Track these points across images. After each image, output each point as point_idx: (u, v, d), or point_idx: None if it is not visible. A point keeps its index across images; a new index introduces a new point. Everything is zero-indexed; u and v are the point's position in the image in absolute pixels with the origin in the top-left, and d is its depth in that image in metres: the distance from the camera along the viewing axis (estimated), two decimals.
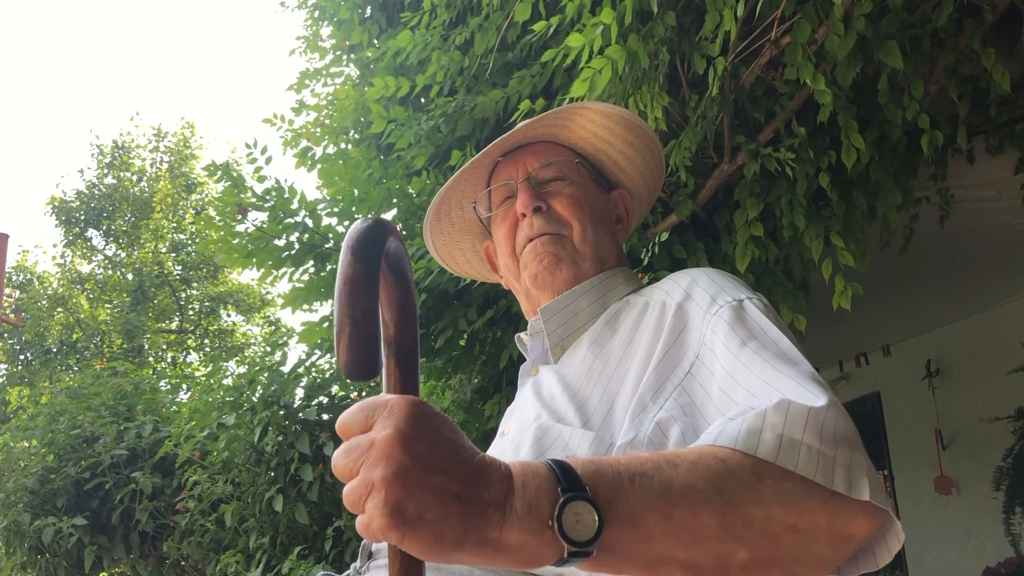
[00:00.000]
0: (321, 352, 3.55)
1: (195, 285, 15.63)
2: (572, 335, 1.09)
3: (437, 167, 2.68)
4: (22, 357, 14.86)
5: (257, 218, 2.68)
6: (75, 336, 15.13)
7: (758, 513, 0.67)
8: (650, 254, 2.27)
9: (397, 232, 0.67)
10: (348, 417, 0.63)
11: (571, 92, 1.80)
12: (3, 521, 5.10)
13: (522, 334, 1.19)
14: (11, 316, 13.83)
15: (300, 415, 3.76)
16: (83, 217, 15.59)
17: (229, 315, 15.99)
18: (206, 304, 15.69)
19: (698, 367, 0.87)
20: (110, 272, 15.86)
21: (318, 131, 3.10)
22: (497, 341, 2.72)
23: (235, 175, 2.70)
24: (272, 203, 2.65)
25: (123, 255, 15.94)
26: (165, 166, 16.30)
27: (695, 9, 1.97)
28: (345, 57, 3.34)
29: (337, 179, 2.64)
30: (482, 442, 2.66)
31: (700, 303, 0.94)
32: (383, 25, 3.14)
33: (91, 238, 15.93)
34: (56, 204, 15.52)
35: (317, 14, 3.42)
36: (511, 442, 0.99)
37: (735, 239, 2.11)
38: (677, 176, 2.06)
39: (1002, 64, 1.79)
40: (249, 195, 2.67)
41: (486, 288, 2.61)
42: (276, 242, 2.67)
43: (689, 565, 0.67)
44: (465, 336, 2.76)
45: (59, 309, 15.31)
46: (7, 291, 14.60)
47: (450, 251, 1.34)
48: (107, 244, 16.07)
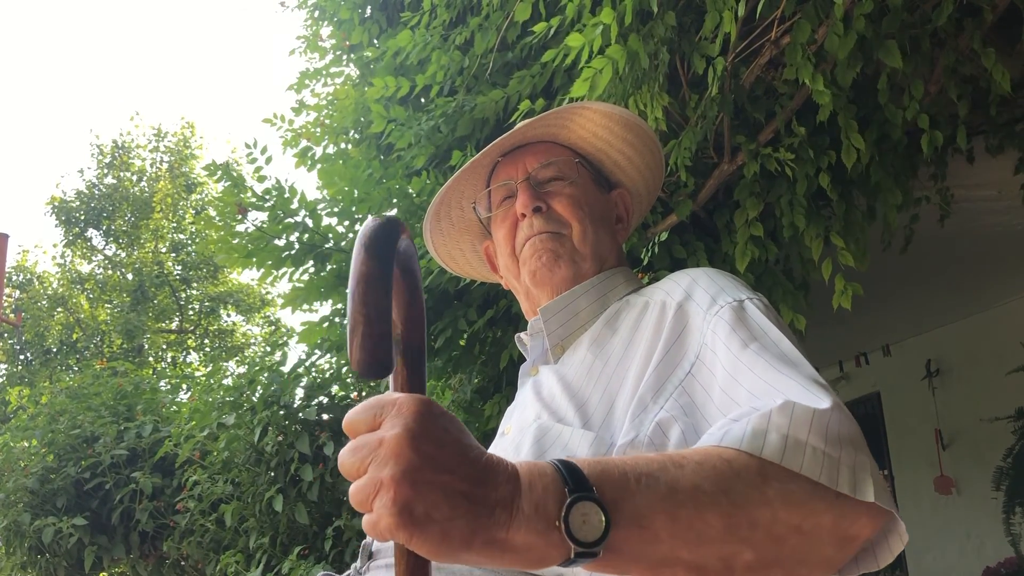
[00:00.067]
0: (321, 352, 3.55)
1: (195, 285, 15.62)
2: (572, 335, 1.09)
3: (437, 167, 2.68)
4: (22, 357, 14.86)
5: (257, 218, 2.68)
6: (75, 336, 15.13)
7: (763, 514, 0.67)
8: (650, 254, 2.27)
9: (408, 230, 0.67)
10: (355, 415, 0.62)
11: (571, 92, 1.80)
12: (3, 521, 5.10)
13: (522, 334, 1.19)
14: (11, 316, 13.83)
15: (300, 415, 3.75)
16: (83, 217, 15.58)
17: (229, 315, 15.99)
18: (206, 304, 15.69)
19: (698, 367, 0.87)
20: (110, 272, 15.86)
21: (318, 131, 3.10)
22: (497, 341, 2.72)
23: (235, 175, 2.70)
24: (272, 203, 2.65)
25: (123, 255, 15.94)
26: (165, 166, 16.30)
27: (695, 9, 1.97)
28: (345, 57, 3.34)
29: (337, 179, 2.64)
30: (482, 442, 2.65)
31: (700, 303, 0.93)
32: (383, 25, 3.14)
33: (91, 238, 15.94)
34: (56, 204, 15.52)
35: (317, 14, 3.42)
36: (511, 442, 0.99)
37: (735, 239, 2.11)
38: (677, 176, 2.06)
39: (1002, 64, 1.79)
40: (249, 195, 2.67)
41: (486, 288, 2.61)
42: (276, 242, 2.67)
43: (694, 566, 0.66)
44: (465, 336, 2.76)
45: (59, 309, 15.31)
46: (7, 291, 14.60)
47: (450, 251, 1.34)
48: (107, 244, 16.07)
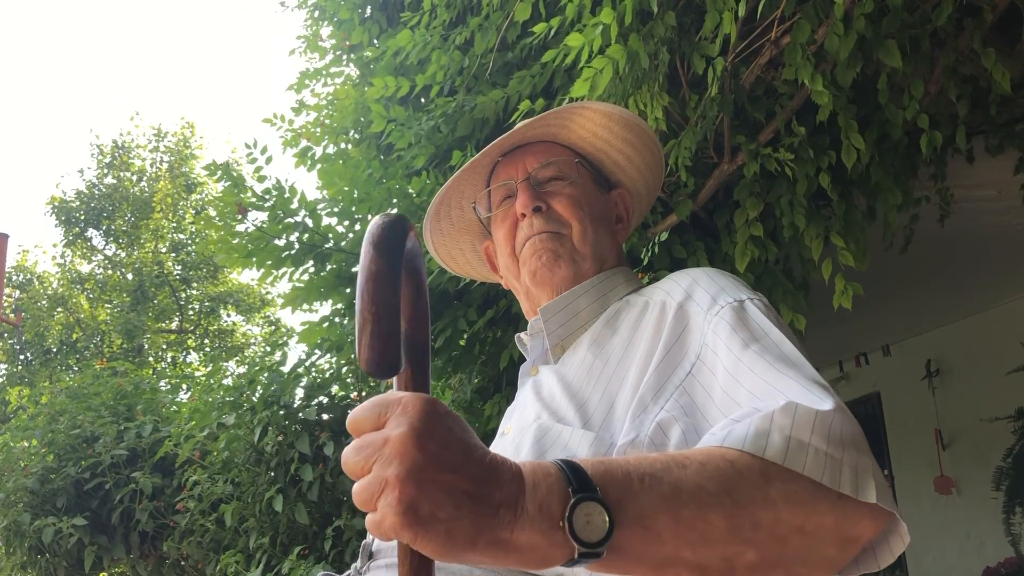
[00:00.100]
0: (321, 352, 3.55)
1: (195, 285, 15.62)
2: (572, 335, 1.09)
3: (437, 167, 2.68)
4: (22, 357, 14.86)
5: (257, 218, 2.68)
6: (75, 336, 15.12)
7: (766, 515, 0.67)
8: (650, 254, 2.27)
9: (415, 229, 0.67)
10: (360, 414, 0.62)
11: (572, 92, 1.80)
12: (3, 521, 5.10)
13: (522, 334, 1.19)
14: (11, 316, 13.83)
15: (300, 415, 3.75)
16: (83, 217, 15.58)
17: (229, 315, 15.99)
18: (206, 304, 15.68)
19: (699, 367, 0.87)
20: (110, 272, 15.86)
21: (318, 131, 3.10)
22: (497, 341, 2.72)
23: (235, 175, 2.70)
24: (272, 203, 2.65)
25: (123, 255, 15.93)
26: (165, 166, 16.30)
27: (695, 9, 1.97)
28: (345, 57, 3.34)
29: (337, 179, 2.64)
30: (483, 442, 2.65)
31: (701, 303, 0.93)
32: (383, 25, 3.14)
33: (91, 238, 15.93)
34: (56, 204, 15.52)
35: (317, 14, 3.42)
36: (511, 442, 0.99)
37: (735, 239, 2.11)
38: (677, 176, 2.06)
39: (1002, 64, 1.79)
40: (249, 195, 2.67)
41: (486, 288, 2.61)
42: (276, 242, 2.67)
43: (697, 566, 0.66)
44: (465, 336, 2.76)
45: (59, 309, 15.31)
46: (7, 291, 14.60)
47: (450, 251, 1.34)
48: (107, 244, 16.07)
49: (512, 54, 2.50)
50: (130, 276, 15.37)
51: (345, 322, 3.01)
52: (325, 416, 3.82)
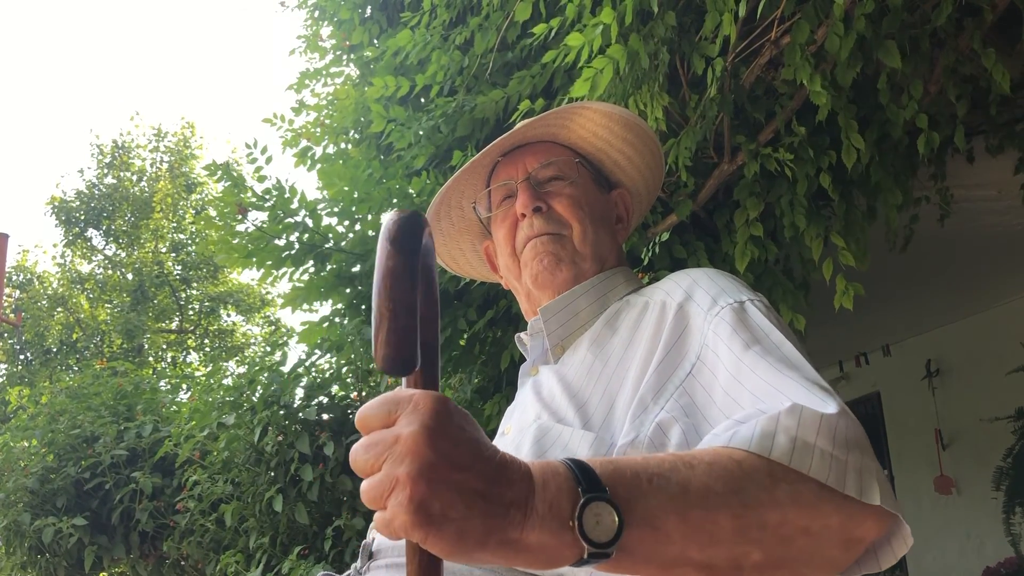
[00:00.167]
0: (321, 352, 3.55)
1: (195, 285, 15.62)
2: (572, 335, 1.09)
3: (437, 167, 2.68)
4: (22, 357, 14.86)
5: (257, 218, 2.68)
6: (75, 336, 15.12)
7: (773, 516, 0.67)
8: (650, 254, 2.27)
9: (429, 225, 0.67)
10: (369, 411, 0.61)
11: (572, 92, 1.80)
12: (3, 521, 5.10)
13: (522, 334, 1.19)
14: (11, 316, 13.83)
15: (300, 415, 3.75)
16: (83, 217, 15.58)
17: (229, 315, 15.99)
18: (206, 304, 15.68)
19: (699, 368, 0.87)
20: (110, 272, 15.86)
21: (318, 131, 3.10)
22: (497, 341, 2.72)
23: (235, 175, 2.70)
24: (272, 203, 2.64)
25: (123, 255, 15.93)
26: (165, 166, 16.29)
27: (695, 9, 1.97)
28: (345, 57, 3.34)
29: (337, 180, 2.64)
30: None
31: (701, 304, 0.93)
32: (383, 25, 3.14)
33: (91, 238, 15.93)
34: (56, 204, 15.52)
35: (317, 14, 3.42)
36: (511, 442, 0.99)
37: (735, 239, 2.11)
38: (677, 176, 2.06)
39: (1002, 64, 1.79)
40: (249, 195, 2.66)
41: (486, 288, 2.61)
42: (276, 242, 2.67)
43: (704, 566, 0.66)
44: (465, 336, 2.76)
45: (59, 309, 15.31)
46: (7, 291, 14.60)
47: (450, 251, 1.34)
48: (107, 244, 16.07)
49: (512, 54, 2.50)
50: (130, 276, 15.37)
51: (345, 322, 3.01)
52: (325, 416, 3.82)
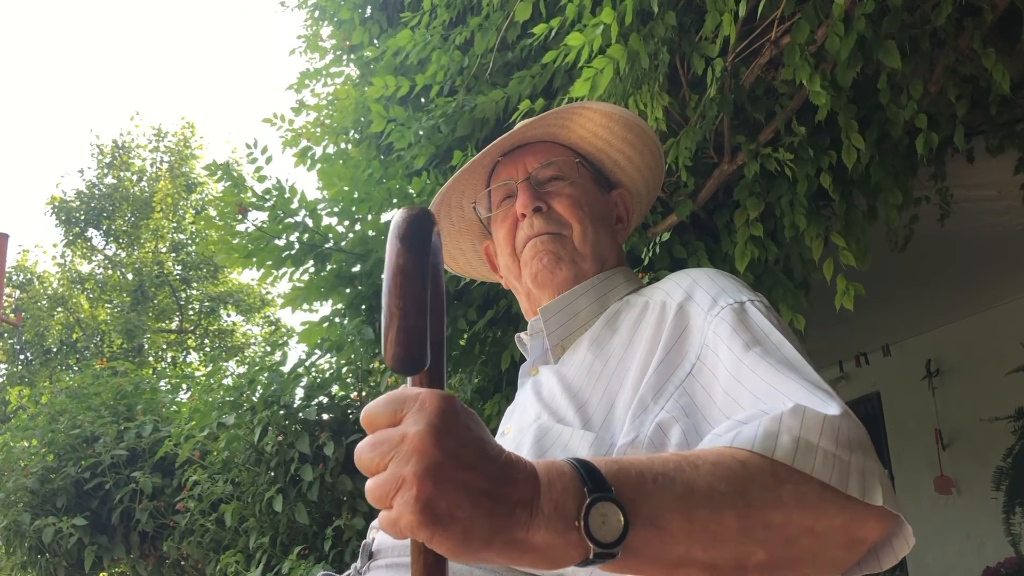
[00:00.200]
0: (321, 352, 3.55)
1: (195, 285, 15.62)
2: (572, 335, 1.09)
3: (437, 167, 2.68)
4: (22, 357, 14.86)
5: (257, 218, 2.68)
6: (75, 336, 15.12)
7: (777, 516, 0.67)
8: (650, 254, 2.27)
9: (438, 223, 0.66)
10: (375, 409, 0.61)
11: (572, 92, 1.80)
12: (3, 521, 5.10)
13: (522, 334, 1.19)
14: (11, 316, 13.82)
15: (300, 415, 3.75)
16: (83, 217, 15.58)
17: (229, 315, 15.99)
18: (206, 304, 15.68)
19: (699, 368, 0.87)
20: (110, 272, 15.86)
21: (318, 131, 3.10)
22: (497, 341, 2.72)
23: (235, 175, 2.70)
24: (272, 203, 2.65)
25: (123, 255, 15.94)
26: (165, 166, 16.30)
27: (695, 9, 1.97)
28: (345, 57, 3.34)
29: (336, 180, 2.64)
30: None
31: (701, 304, 0.93)
32: (383, 25, 3.14)
33: (91, 238, 15.93)
34: (56, 204, 15.52)
35: (317, 14, 3.42)
36: (511, 442, 0.99)
37: (735, 239, 2.11)
38: (677, 176, 2.06)
39: (1002, 64, 1.79)
40: (249, 195, 2.67)
41: (486, 288, 2.61)
42: (276, 242, 2.67)
43: (708, 566, 0.66)
44: (465, 336, 2.76)
45: (59, 309, 15.31)
46: (7, 291, 14.60)
47: (450, 251, 1.34)
48: (107, 244, 16.07)
49: (512, 54, 2.50)
50: (130, 276, 15.37)
51: (345, 322, 3.01)
52: (325, 416, 3.82)
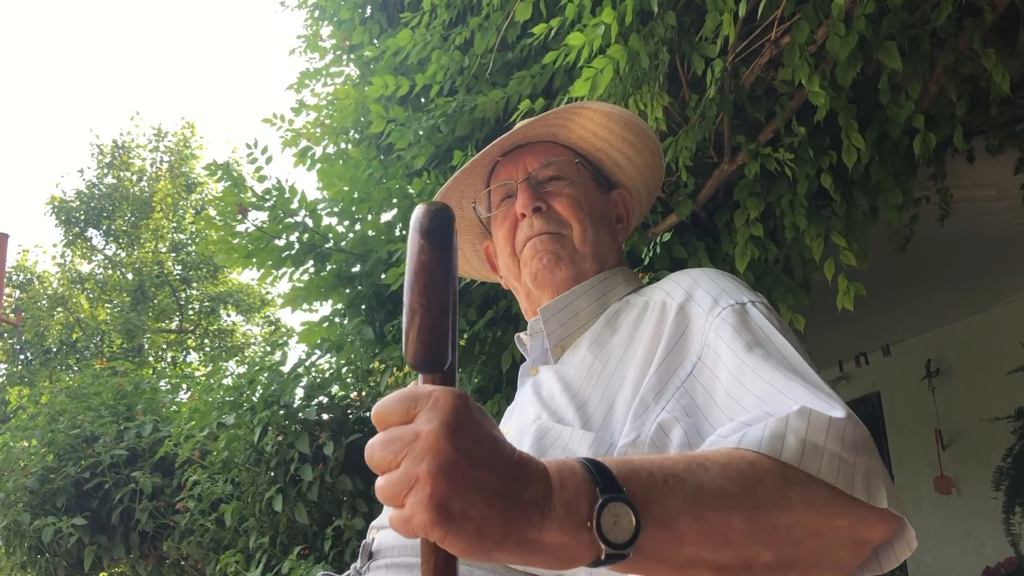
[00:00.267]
0: (321, 352, 3.55)
1: (195, 285, 15.62)
2: (572, 335, 1.09)
3: (437, 167, 2.67)
4: (22, 357, 14.86)
5: (257, 218, 2.68)
6: (75, 336, 15.13)
7: (785, 517, 0.67)
8: (651, 254, 2.27)
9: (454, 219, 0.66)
10: (387, 406, 0.60)
11: (572, 92, 1.80)
12: (3, 521, 5.10)
13: (522, 334, 1.19)
14: (11, 316, 13.83)
15: (300, 415, 3.75)
16: (83, 217, 15.59)
17: (229, 315, 15.99)
18: (206, 304, 15.68)
19: (700, 368, 0.87)
20: (110, 272, 15.86)
21: (318, 131, 3.10)
22: (497, 341, 2.72)
23: (235, 175, 2.70)
24: (272, 203, 2.65)
25: (123, 255, 15.94)
26: (165, 166, 16.30)
27: (695, 9, 1.97)
28: (345, 57, 3.34)
29: (336, 180, 2.64)
30: None
31: (702, 304, 0.93)
32: (383, 25, 3.14)
33: (91, 238, 15.94)
34: (56, 204, 15.52)
35: (317, 14, 3.42)
36: (510, 442, 0.99)
37: (735, 239, 2.11)
38: (677, 176, 2.06)
39: (1002, 64, 1.79)
40: (249, 195, 2.67)
41: (486, 288, 2.61)
42: (276, 242, 2.67)
43: (716, 566, 0.67)
44: (465, 336, 2.76)
45: (59, 309, 15.31)
46: (7, 291, 14.60)
47: None
48: (107, 244, 16.07)
49: (512, 54, 2.50)
50: (130, 276, 15.38)
51: (345, 322, 3.01)
52: (325, 416, 3.82)
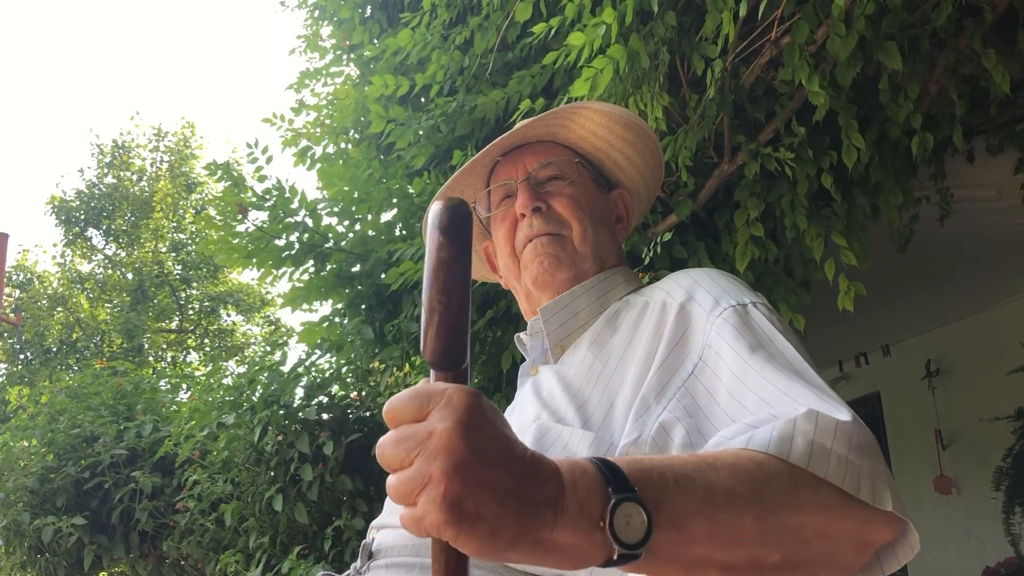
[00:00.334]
0: (321, 352, 3.55)
1: (195, 285, 15.63)
2: (572, 335, 1.09)
3: (437, 167, 2.67)
4: (22, 357, 14.86)
5: (257, 218, 2.68)
6: (75, 336, 15.13)
7: (794, 518, 0.68)
8: (651, 254, 2.27)
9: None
10: (399, 403, 0.59)
11: (572, 91, 1.80)
12: (3, 521, 5.10)
13: (522, 334, 1.19)
14: (11, 316, 13.82)
15: (300, 415, 3.75)
16: (83, 217, 15.59)
17: (229, 315, 15.99)
18: (206, 304, 15.69)
19: (701, 368, 0.87)
20: (110, 272, 15.86)
21: (318, 131, 3.10)
22: (497, 341, 2.72)
23: (235, 175, 2.70)
24: (272, 203, 2.65)
25: (123, 255, 15.94)
26: (165, 166, 16.30)
27: (695, 9, 1.97)
28: (345, 57, 3.34)
29: (336, 180, 2.64)
30: None
31: (703, 304, 0.93)
32: (383, 24, 3.14)
33: (91, 238, 15.94)
34: (56, 204, 15.52)
35: (317, 14, 3.42)
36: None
37: (735, 239, 2.11)
38: (677, 176, 2.06)
39: (1002, 64, 1.79)
40: (249, 195, 2.67)
41: (486, 288, 2.61)
42: (276, 242, 2.67)
43: (725, 567, 0.67)
44: None
45: (59, 308, 15.31)
46: (7, 291, 14.60)
47: None
48: (107, 244, 16.07)
49: (512, 54, 2.50)
50: (130, 276, 15.38)
51: (345, 322, 3.01)
52: (325, 416, 3.82)
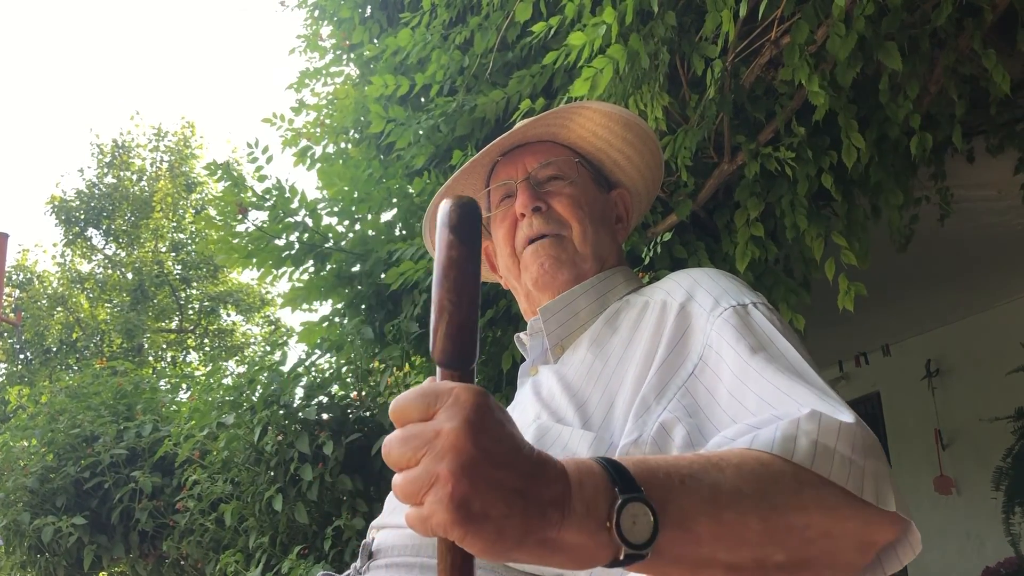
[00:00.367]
0: (321, 352, 3.55)
1: (195, 285, 15.62)
2: (572, 335, 1.09)
3: (437, 167, 2.67)
4: (22, 356, 14.86)
5: (257, 218, 2.68)
6: (75, 335, 15.12)
7: (799, 518, 0.68)
8: (651, 254, 2.27)
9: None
10: (407, 402, 0.59)
11: (572, 91, 1.80)
12: (3, 520, 5.09)
13: (521, 334, 1.19)
14: (11, 315, 13.82)
15: (300, 415, 3.75)
16: (83, 216, 15.58)
17: (229, 315, 15.99)
18: (206, 304, 15.68)
19: (702, 368, 0.87)
20: (110, 271, 15.86)
21: (318, 131, 3.10)
22: (497, 341, 2.72)
23: (235, 174, 2.70)
24: (272, 203, 2.65)
25: (123, 255, 15.94)
26: (165, 165, 16.30)
27: (695, 9, 1.97)
28: (345, 56, 3.34)
29: (336, 180, 2.64)
30: None
31: (703, 305, 0.93)
32: (383, 24, 3.14)
33: (91, 237, 15.93)
34: (56, 203, 15.52)
35: (317, 13, 3.42)
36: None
37: (735, 239, 2.11)
38: (677, 176, 2.06)
39: (1002, 64, 1.79)
40: (249, 194, 2.67)
41: (486, 288, 2.60)
42: (276, 242, 2.67)
43: (730, 566, 0.67)
44: None
45: (59, 308, 15.31)
46: (7, 290, 14.60)
47: None
48: (107, 243, 16.07)
49: (512, 54, 2.50)
50: (130, 276, 15.38)
51: (345, 322, 3.01)
52: (325, 416, 3.82)
